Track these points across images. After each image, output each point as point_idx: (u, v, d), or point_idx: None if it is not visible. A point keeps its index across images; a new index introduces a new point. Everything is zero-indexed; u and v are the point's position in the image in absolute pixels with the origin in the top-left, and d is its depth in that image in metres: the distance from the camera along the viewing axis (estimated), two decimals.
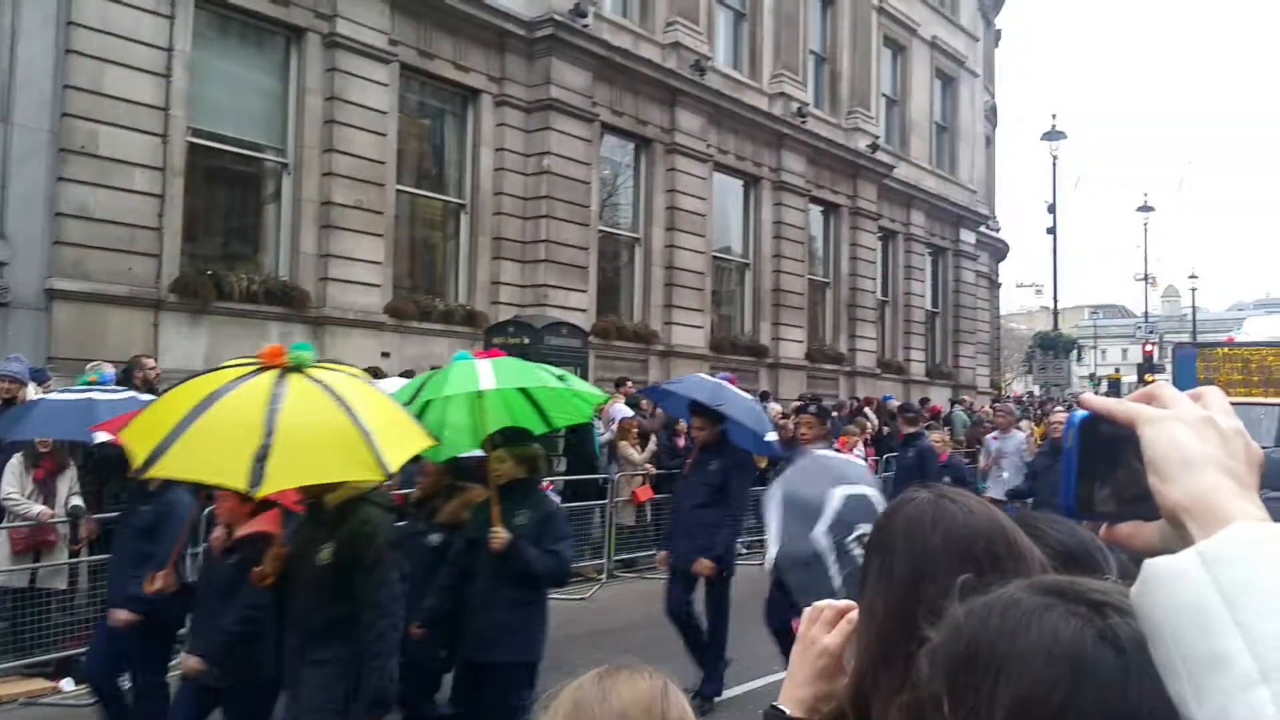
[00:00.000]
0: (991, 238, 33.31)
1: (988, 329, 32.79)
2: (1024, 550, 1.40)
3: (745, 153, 19.77)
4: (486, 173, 15.14)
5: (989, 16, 33.63)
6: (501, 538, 4.91)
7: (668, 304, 17.75)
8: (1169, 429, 0.81)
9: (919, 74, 26.46)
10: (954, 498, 1.50)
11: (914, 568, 1.42)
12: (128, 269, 11.14)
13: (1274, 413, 13.21)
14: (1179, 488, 0.78)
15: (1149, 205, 43.01)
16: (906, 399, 23.27)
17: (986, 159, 33.41)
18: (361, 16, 13.29)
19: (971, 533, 1.42)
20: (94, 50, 10.82)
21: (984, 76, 31.80)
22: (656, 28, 17.85)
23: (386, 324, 13.61)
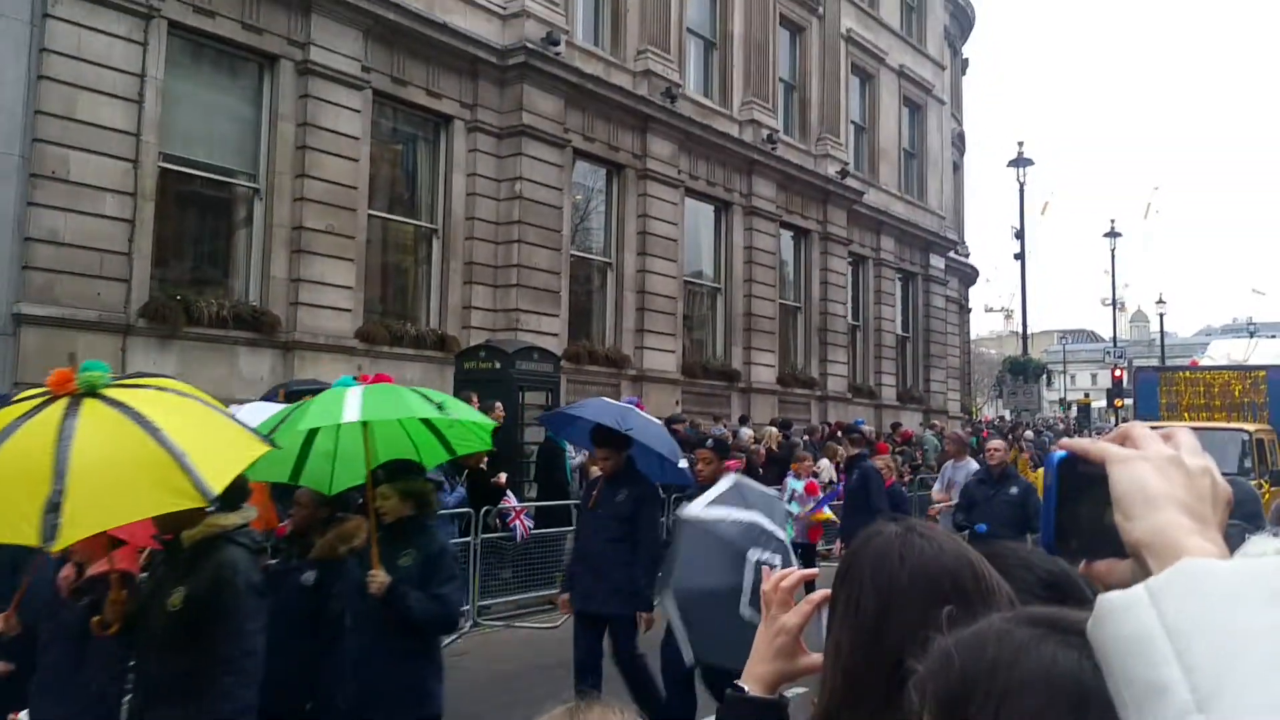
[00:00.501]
0: (961, 263, 33.71)
1: (958, 353, 33.12)
2: (993, 586, 1.40)
3: (716, 178, 19.99)
4: (459, 198, 15.23)
5: (956, 45, 34.20)
6: (379, 581, 4.43)
7: (640, 328, 17.86)
8: (1135, 468, 0.85)
9: (887, 101, 26.86)
10: (922, 532, 1.48)
11: (881, 604, 1.41)
12: (96, 294, 11.12)
13: (1236, 438, 12.98)
14: (1140, 524, 0.82)
15: (1116, 231, 43.65)
16: (878, 423, 23.50)
17: (955, 185, 33.87)
18: (335, 44, 13.39)
19: (940, 569, 1.41)
20: (66, 76, 10.85)
21: (951, 104, 32.30)
22: (628, 56, 18.06)
23: (357, 348, 13.62)
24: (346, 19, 13.47)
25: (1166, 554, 0.78)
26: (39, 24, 10.68)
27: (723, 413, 19.07)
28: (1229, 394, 15.64)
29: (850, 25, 24.80)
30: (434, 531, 4.95)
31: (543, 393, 13.26)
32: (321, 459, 4.92)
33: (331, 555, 4.86)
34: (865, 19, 25.69)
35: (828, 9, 23.72)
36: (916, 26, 28.80)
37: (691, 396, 18.88)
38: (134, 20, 11.43)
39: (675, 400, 18.16)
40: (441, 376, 14.05)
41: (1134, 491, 0.84)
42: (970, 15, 35.34)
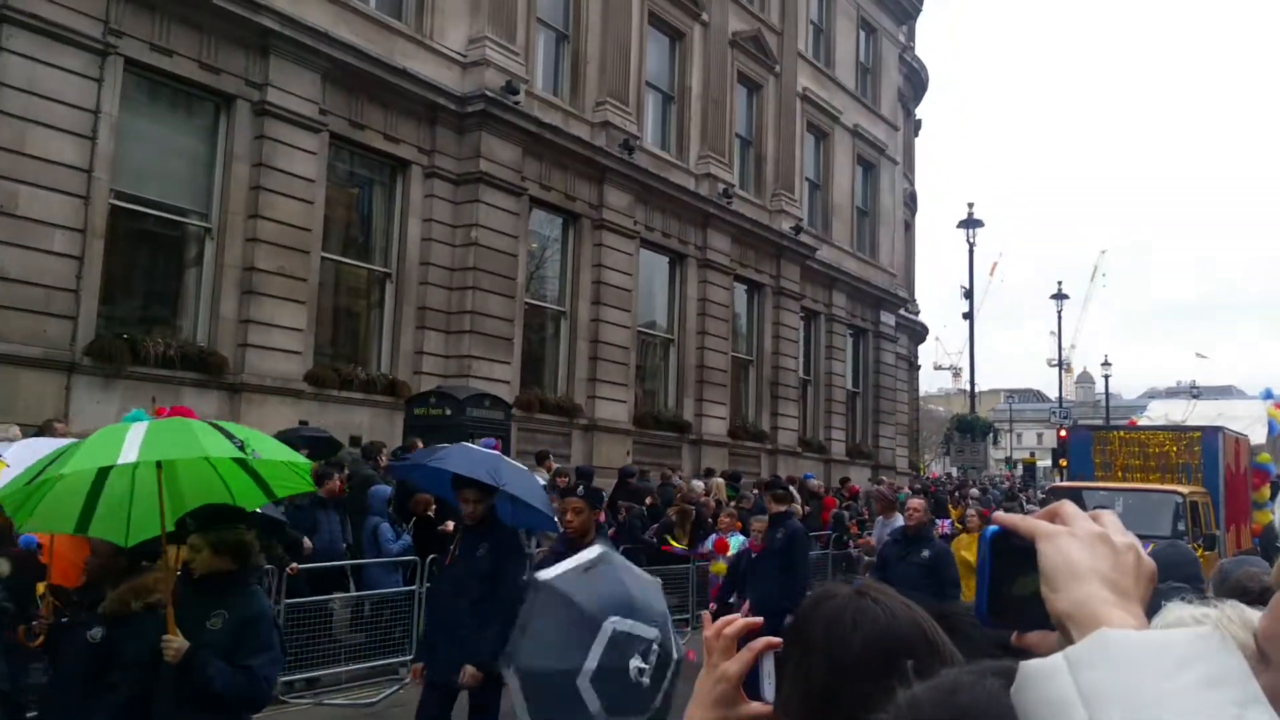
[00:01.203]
0: (911, 320, 34.22)
1: (907, 410, 33.48)
2: (944, 650, 1.40)
3: (672, 230, 20.19)
4: (414, 242, 15.22)
5: (909, 107, 35.02)
6: (173, 647, 3.91)
7: (592, 378, 17.88)
8: (1062, 544, 0.90)
9: (841, 160, 27.38)
10: (875, 596, 1.48)
11: (833, 670, 1.39)
12: (42, 330, 10.94)
13: (1169, 500, 12.73)
14: (1065, 597, 0.86)
15: (1064, 293, 44.68)
16: (827, 478, 23.64)
17: (906, 243, 34.48)
18: (293, 85, 13.41)
19: (892, 635, 1.40)
20: (17, 110, 10.76)
21: (904, 164, 33.00)
22: (586, 106, 18.28)
23: (305, 392, 13.48)
24: (305, 61, 13.51)
25: (1087, 625, 0.83)
26: None
27: (674, 464, 19.06)
28: (1164, 455, 15.36)
29: (806, 84, 25.34)
30: (253, 593, 4.38)
31: (493, 439, 13.18)
32: (115, 505, 4.32)
33: (123, 611, 4.26)
34: (821, 78, 26.26)
35: (784, 68, 24.23)
36: (871, 87, 29.48)
37: (642, 447, 18.87)
38: (90, 56, 11.38)
39: (626, 451, 18.15)
40: (391, 422, 13.95)
41: (1060, 566, 0.88)
42: (924, 77, 36.27)
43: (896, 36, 31.14)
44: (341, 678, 9.75)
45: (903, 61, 32.46)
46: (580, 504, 6.15)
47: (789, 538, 9.05)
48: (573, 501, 6.25)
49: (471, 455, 6.28)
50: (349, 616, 10.39)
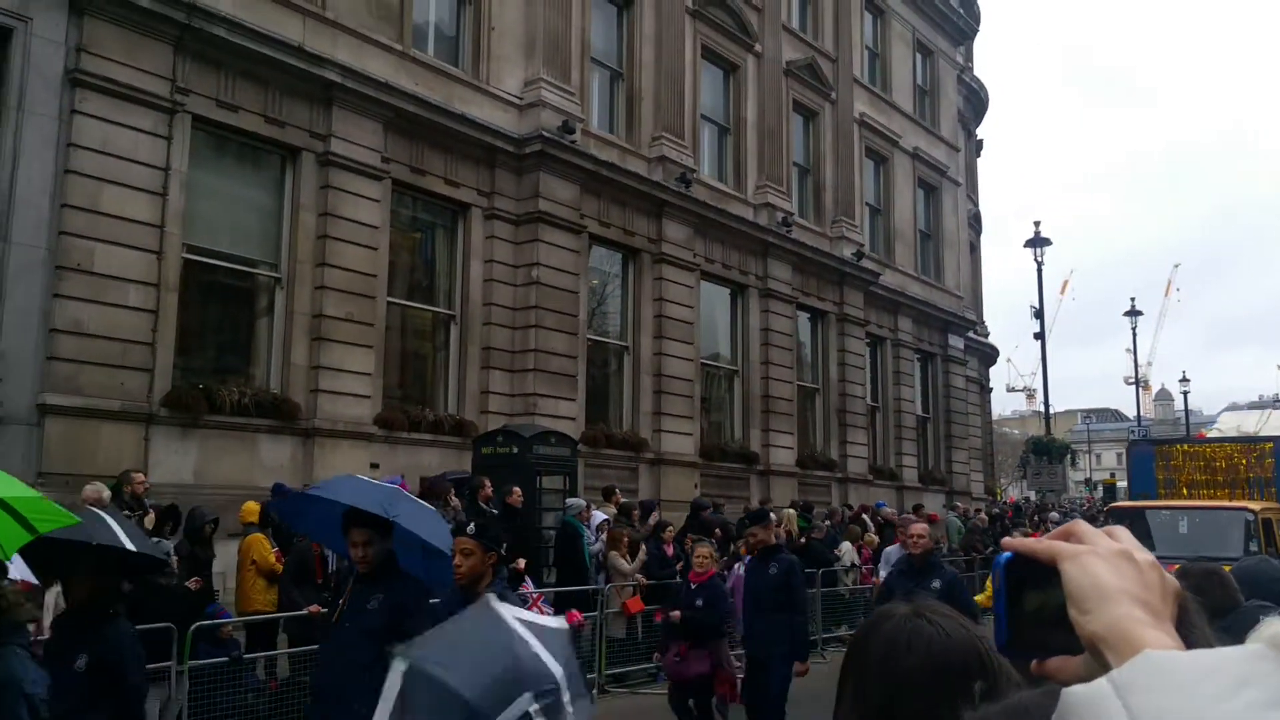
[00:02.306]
0: (980, 343, 33.65)
1: (980, 434, 32.83)
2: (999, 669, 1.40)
3: (732, 261, 20.14)
4: (476, 284, 15.40)
5: (969, 127, 34.67)
6: None
7: (657, 411, 17.83)
8: (1087, 564, 0.86)
9: (902, 184, 27.14)
10: (930, 617, 1.49)
11: (889, 692, 1.42)
12: (120, 384, 11.22)
13: (1239, 518, 11.75)
14: (1095, 619, 0.83)
15: (1137, 309, 43.61)
16: (900, 505, 23.21)
17: (972, 265, 34.01)
18: (355, 135, 13.71)
19: (948, 657, 1.42)
20: (92, 170, 11.13)
21: (966, 185, 32.62)
22: (642, 142, 18.39)
23: (376, 435, 13.65)
24: (367, 111, 13.81)
25: (1124, 647, 0.79)
26: (67, 120, 11.00)
27: (741, 495, 18.91)
28: (1233, 469, 14.26)
29: (863, 109, 25.22)
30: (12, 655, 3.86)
31: (560, 476, 13.22)
32: None
33: None
34: (878, 103, 26.13)
35: (840, 94, 24.15)
36: (930, 109, 29.25)
37: (710, 479, 18.74)
38: (159, 115, 11.76)
39: (694, 483, 18.04)
40: (460, 462, 14.03)
41: (1088, 587, 0.85)
42: (984, 97, 35.90)
43: (954, 58, 30.90)
44: None
45: (961, 82, 32.18)
46: (471, 545, 4.83)
47: (785, 572, 7.98)
48: (461, 542, 4.88)
49: (358, 486, 5.65)
50: None
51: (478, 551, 4.84)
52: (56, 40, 11.02)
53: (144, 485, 9.35)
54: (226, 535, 10.14)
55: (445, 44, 15.83)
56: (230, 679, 8.29)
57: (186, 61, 12.08)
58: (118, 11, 11.38)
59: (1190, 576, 3.32)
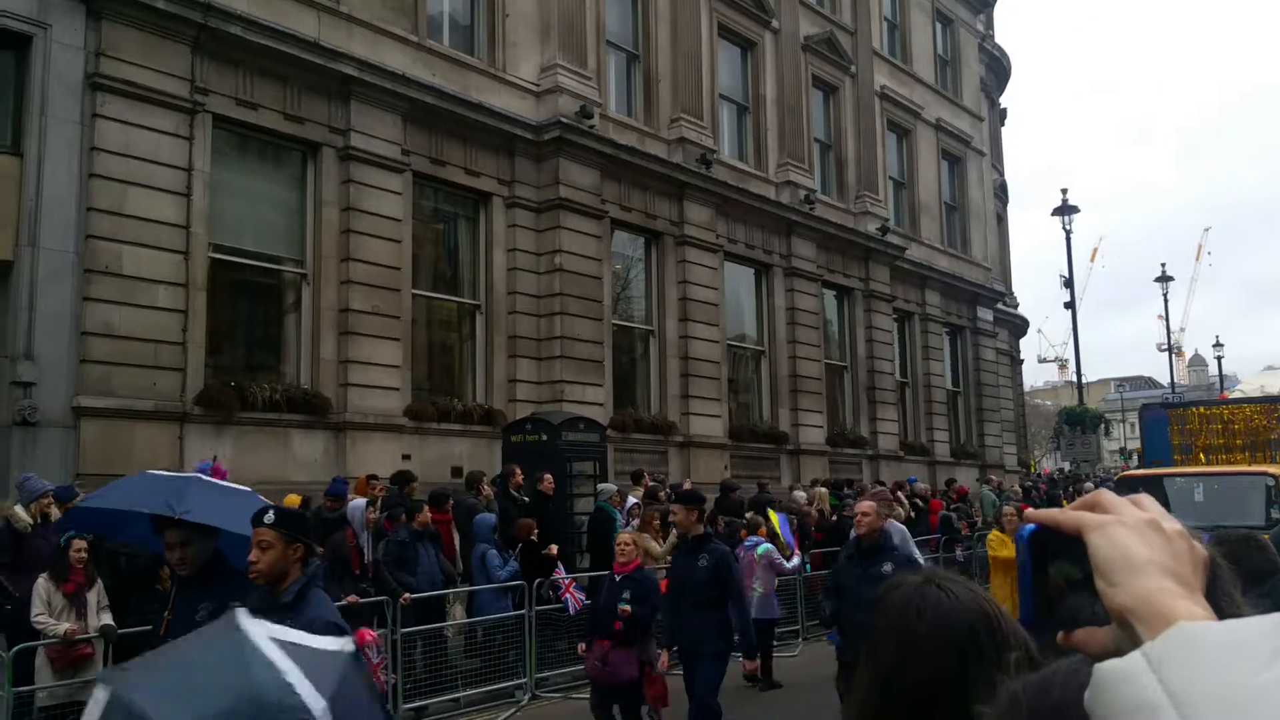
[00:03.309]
0: (1010, 314, 33.34)
1: (1012, 406, 32.56)
2: (1007, 634, 1.45)
3: (755, 241, 20.05)
4: (500, 273, 15.43)
5: (992, 96, 34.24)
6: None
7: (685, 394, 17.82)
8: (1115, 534, 0.84)
9: (925, 156, 26.88)
10: (940, 583, 1.56)
11: (899, 653, 1.48)
12: (153, 384, 11.35)
13: (1259, 484, 11.04)
14: (1124, 591, 0.81)
15: (1168, 275, 43.02)
16: (932, 480, 23.10)
17: (999, 236, 33.65)
18: (375, 129, 13.75)
19: (956, 620, 1.48)
20: (116, 173, 11.23)
21: (991, 155, 32.24)
22: (661, 124, 18.31)
23: (406, 426, 13.73)
24: (385, 104, 13.83)
25: (1155, 620, 0.78)
26: (89, 124, 11.10)
27: (772, 475, 18.88)
28: (1252, 431, 13.44)
29: (884, 82, 24.98)
30: None
31: (590, 462, 13.26)
32: None
33: None
34: (899, 75, 25.87)
35: (860, 67, 23.93)
36: (951, 80, 28.93)
37: (740, 460, 18.72)
38: (179, 116, 11.84)
39: (724, 465, 18.03)
40: (490, 451, 14.11)
41: (1116, 558, 0.83)
42: (1006, 65, 35.44)
43: (974, 26, 30.51)
44: (460, 703, 9.85)
45: (982, 51, 31.78)
46: (269, 536, 4.10)
47: (716, 566, 7.16)
48: (259, 533, 4.14)
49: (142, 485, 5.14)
50: (463, 643, 10.53)
51: (278, 544, 4.07)
52: (75, 45, 11.12)
53: None
54: None
55: (460, 33, 15.82)
56: None
57: (205, 61, 12.15)
58: (135, 14, 11.46)
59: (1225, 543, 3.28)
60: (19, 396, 10.41)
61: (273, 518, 4.14)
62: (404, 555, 9.80)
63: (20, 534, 8.19)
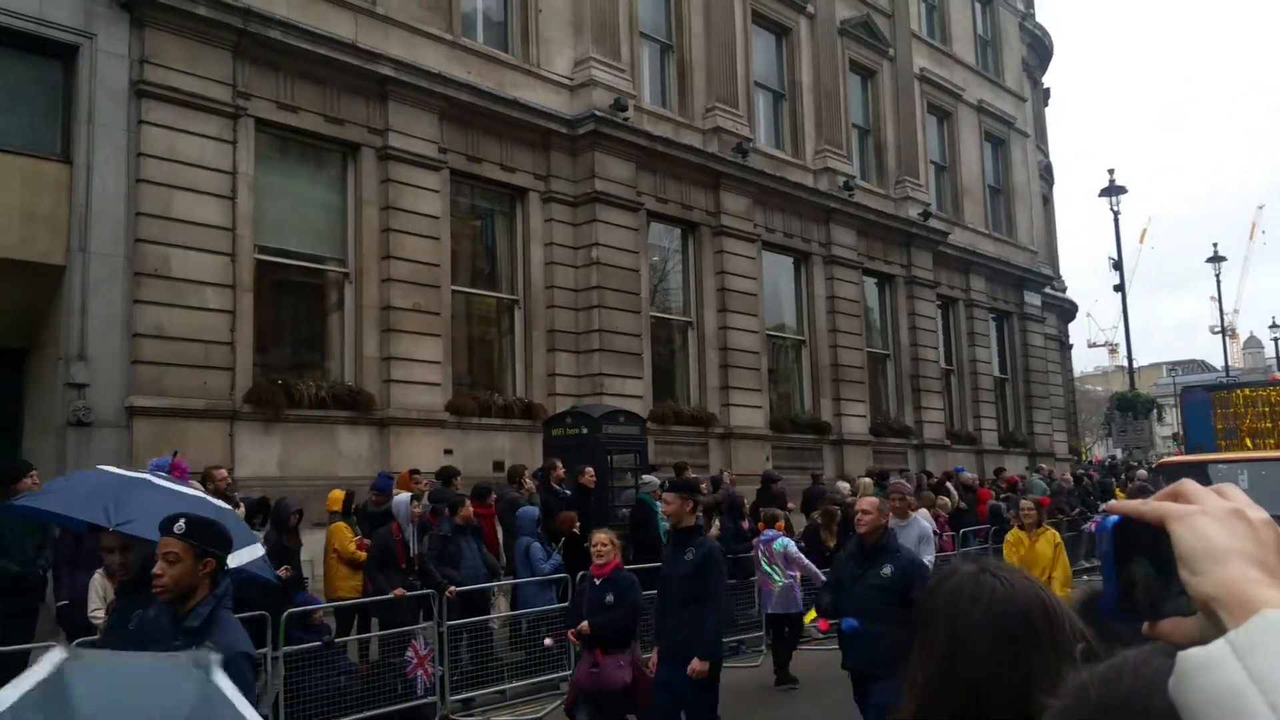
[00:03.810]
0: (1058, 298, 32.85)
1: (1062, 393, 32.09)
2: (1061, 622, 1.46)
3: (793, 229, 19.96)
4: (537, 267, 15.53)
5: (1035, 76, 33.71)
6: None
7: (724, 385, 17.81)
8: (1198, 523, 0.84)
9: (967, 138, 26.56)
10: (995, 571, 1.56)
11: (953, 641, 1.49)
12: (203, 383, 11.60)
13: None
14: (1208, 580, 0.81)
15: (1220, 255, 42.11)
16: (980, 470, 22.87)
17: (1045, 218, 33.14)
18: (412, 128, 13.90)
19: (1011, 608, 1.49)
20: (163, 178, 11.48)
21: (1035, 136, 31.76)
22: (696, 114, 18.29)
23: (448, 421, 13.89)
24: (422, 104, 13.98)
25: (1239, 608, 0.78)
26: (135, 131, 11.36)
27: (815, 466, 18.82)
28: None
29: (923, 64, 24.71)
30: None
31: (630, 455, 13.31)
32: None
33: None
34: (939, 57, 25.57)
35: (899, 50, 23.69)
36: (993, 60, 28.54)
37: (782, 451, 18.68)
38: (223, 120, 12.07)
39: (765, 456, 18.01)
40: (531, 444, 14.23)
41: (1199, 547, 0.83)
42: (1048, 45, 34.85)
43: (1014, 5, 30.06)
44: (506, 695, 9.98)
45: (1023, 30, 31.29)
46: (177, 548, 3.74)
47: (702, 561, 6.65)
48: (165, 544, 3.76)
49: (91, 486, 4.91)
50: (508, 636, 10.65)
51: (187, 557, 3.73)
52: (120, 54, 11.37)
53: (226, 480, 9.66)
54: (312, 524, 10.45)
55: (494, 30, 15.93)
56: (323, 663, 8.57)
57: (246, 66, 12.37)
58: (177, 21, 11.69)
59: None
60: (73, 397, 10.70)
61: (183, 527, 3.78)
62: (447, 549, 9.94)
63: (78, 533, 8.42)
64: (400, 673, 8.99)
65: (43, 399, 11.18)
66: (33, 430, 11.30)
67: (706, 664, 6.47)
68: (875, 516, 6.46)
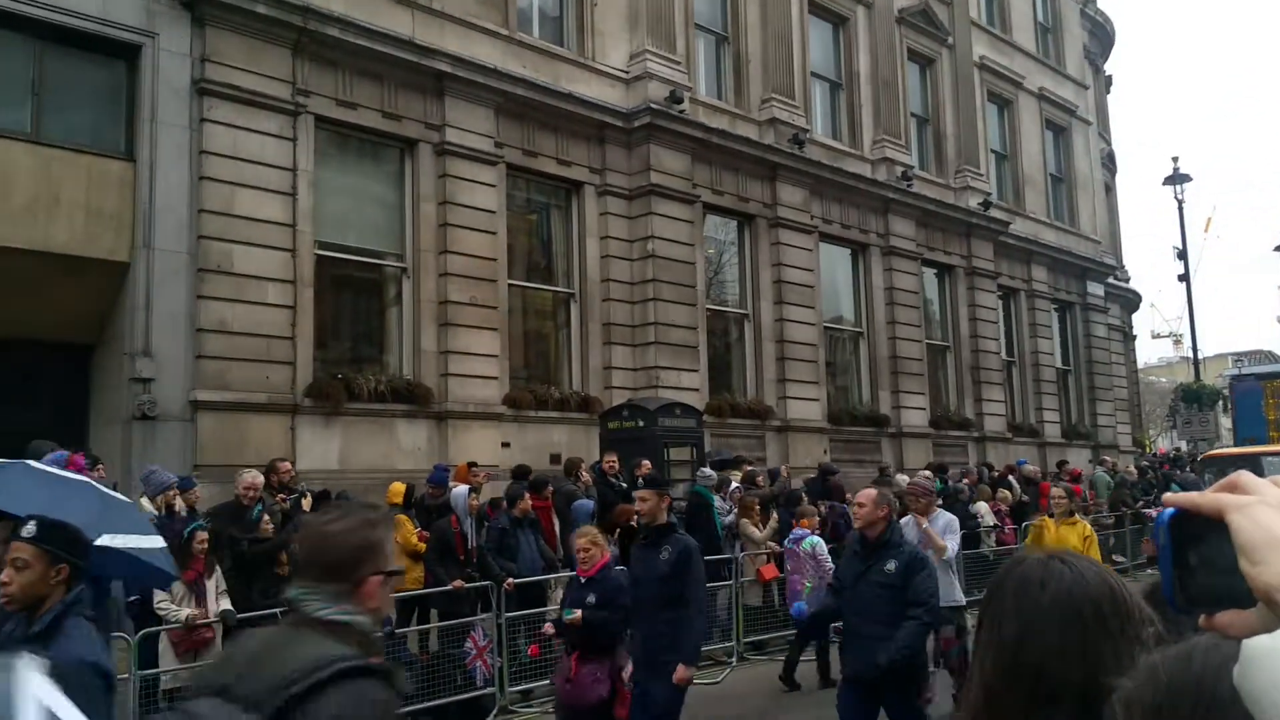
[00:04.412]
0: (1121, 288, 32.14)
1: (1125, 384, 31.41)
2: (1131, 609, 1.47)
3: (851, 220, 19.73)
4: (593, 261, 15.52)
5: (1097, 63, 32.98)
6: None
7: (781, 378, 17.67)
8: (1258, 514, 0.83)
9: (1028, 126, 26.06)
10: (1065, 558, 1.58)
11: (1022, 627, 1.51)
12: (265, 377, 11.78)
13: None
14: (1269, 569, 0.80)
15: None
16: (1043, 462, 22.47)
17: (1108, 208, 32.43)
18: (468, 123, 13.96)
19: (1081, 594, 1.50)
20: (225, 175, 11.66)
21: (1098, 124, 31.07)
22: (752, 105, 18.15)
23: (505, 415, 13.95)
24: (478, 99, 14.03)
25: None
26: (197, 129, 11.55)
27: (873, 459, 18.60)
28: None
29: (983, 52, 24.28)
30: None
31: (687, 448, 13.27)
32: None
33: None
34: (998, 44, 25.11)
35: (958, 38, 23.30)
36: (1054, 47, 27.96)
37: (840, 444, 18.49)
38: (283, 118, 12.22)
39: (823, 449, 17.84)
40: (588, 437, 14.24)
41: (1260, 537, 0.82)
42: (1110, 31, 34.05)
43: None
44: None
45: (1084, 17, 30.61)
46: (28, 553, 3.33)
47: (679, 559, 6.05)
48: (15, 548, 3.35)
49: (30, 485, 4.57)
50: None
51: (38, 563, 3.31)
52: (182, 52, 11.56)
53: (289, 473, 9.79)
54: None
55: (550, 25, 15.93)
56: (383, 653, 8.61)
57: (305, 64, 12.50)
58: (238, 20, 11.86)
59: None
60: (139, 392, 10.91)
61: (33, 530, 3.34)
62: (504, 542, 9.97)
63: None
64: (459, 664, 9.03)
65: (109, 394, 11.42)
66: (99, 424, 11.55)
67: (691, 671, 5.95)
68: (870, 509, 5.95)
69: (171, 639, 7.79)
